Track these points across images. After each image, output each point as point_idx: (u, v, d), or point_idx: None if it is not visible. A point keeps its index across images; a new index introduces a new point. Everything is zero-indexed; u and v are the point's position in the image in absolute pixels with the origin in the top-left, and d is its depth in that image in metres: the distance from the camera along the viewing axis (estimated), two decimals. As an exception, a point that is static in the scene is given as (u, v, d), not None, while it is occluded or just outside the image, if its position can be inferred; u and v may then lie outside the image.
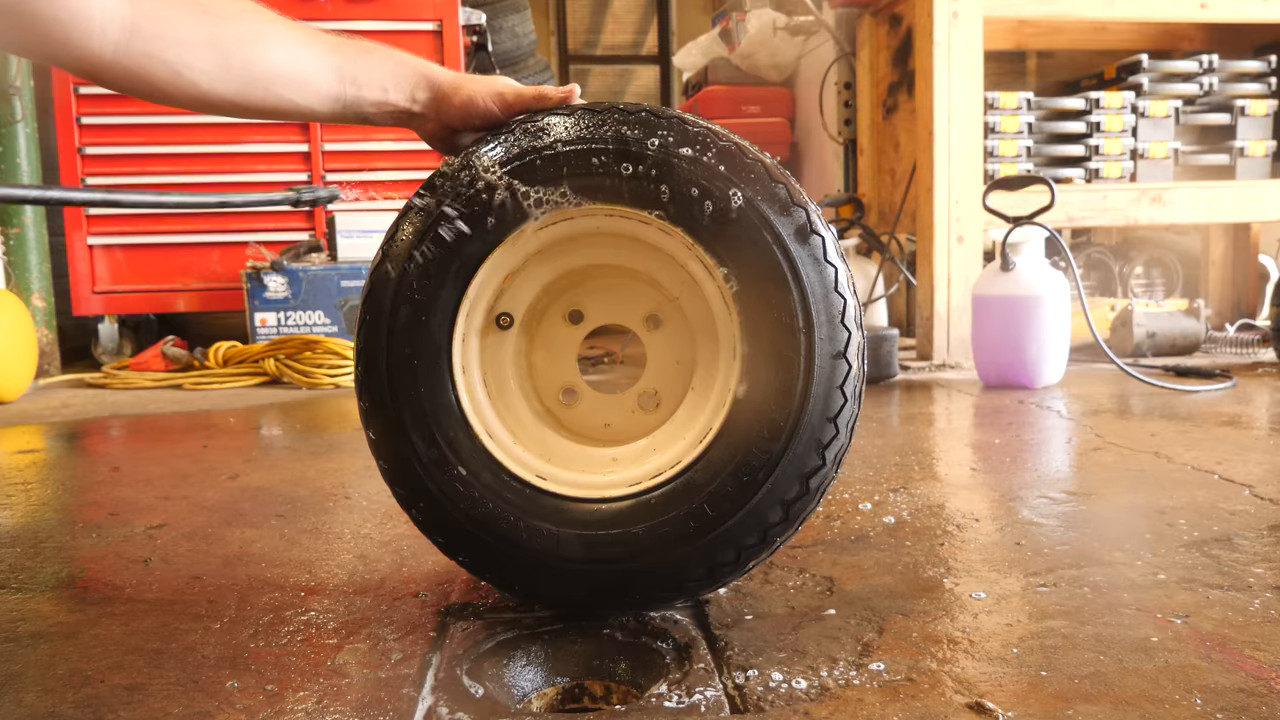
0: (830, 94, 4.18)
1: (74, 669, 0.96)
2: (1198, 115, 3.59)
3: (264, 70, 0.95)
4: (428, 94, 1.04)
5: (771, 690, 0.87)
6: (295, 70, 0.97)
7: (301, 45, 0.98)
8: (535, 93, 1.03)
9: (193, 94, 0.93)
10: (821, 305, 0.95)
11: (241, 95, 0.95)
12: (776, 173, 0.97)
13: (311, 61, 0.98)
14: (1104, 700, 0.83)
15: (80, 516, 1.57)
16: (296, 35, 0.98)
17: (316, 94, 0.99)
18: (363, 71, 1.01)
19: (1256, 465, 1.69)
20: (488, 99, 1.02)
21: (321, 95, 0.99)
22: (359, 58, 1.01)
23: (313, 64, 0.98)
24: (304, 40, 0.98)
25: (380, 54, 1.03)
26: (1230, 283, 4.25)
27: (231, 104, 0.96)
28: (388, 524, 1.45)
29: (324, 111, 1.01)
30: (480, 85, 1.03)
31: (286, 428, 2.46)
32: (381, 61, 1.02)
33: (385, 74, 1.02)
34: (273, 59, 0.96)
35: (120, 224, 3.91)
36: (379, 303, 0.99)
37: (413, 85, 1.03)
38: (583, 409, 1.14)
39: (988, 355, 2.76)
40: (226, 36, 0.93)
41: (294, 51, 0.97)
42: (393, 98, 1.03)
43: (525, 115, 1.02)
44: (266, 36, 0.96)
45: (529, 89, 1.04)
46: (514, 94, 1.03)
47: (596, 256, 1.07)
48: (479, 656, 0.97)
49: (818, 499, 0.98)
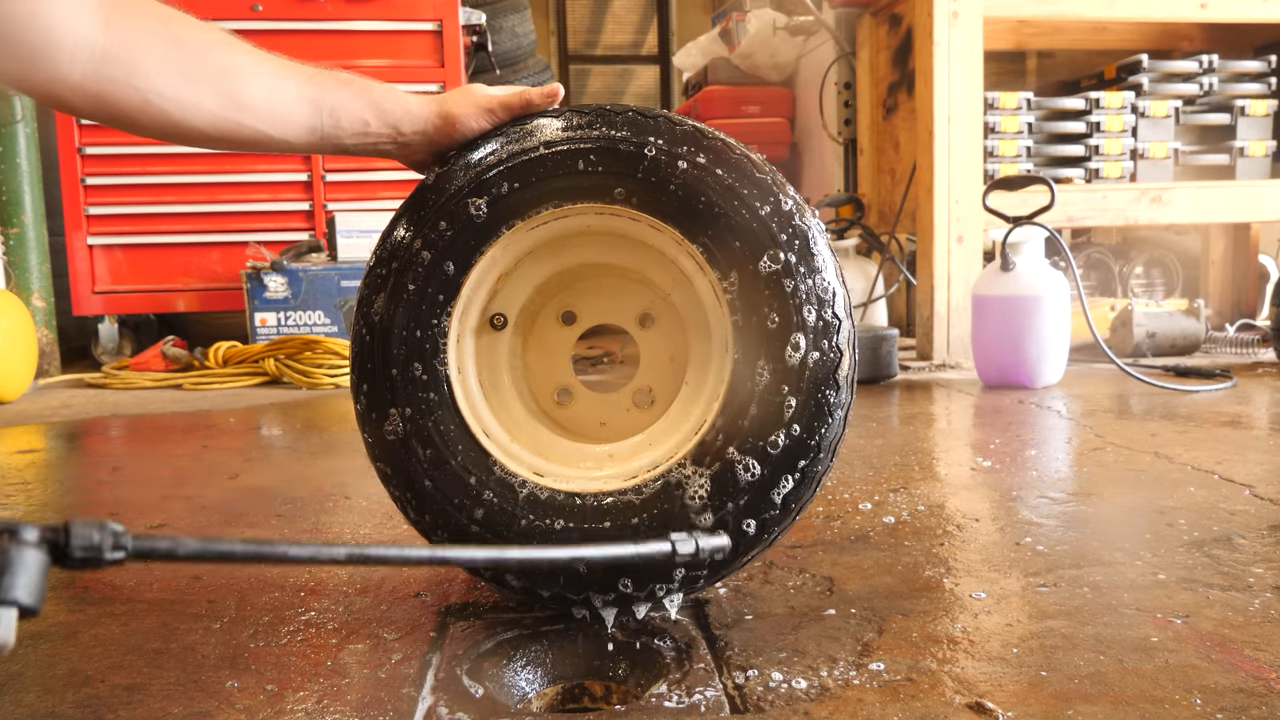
0: (830, 94, 4.18)
1: (74, 669, 0.96)
2: (1198, 115, 3.59)
3: (236, 103, 0.94)
4: (414, 128, 1.02)
5: (771, 690, 0.87)
6: (268, 103, 0.96)
7: (276, 78, 0.97)
8: (520, 100, 1.02)
9: (163, 123, 0.92)
10: (812, 295, 0.95)
11: (214, 126, 0.94)
12: (763, 167, 0.99)
13: (286, 94, 0.97)
14: (1104, 700, 0.83)
15: (81, 516, 1.57)
16: (270, 68, 0.97)
17: (291, 125, 0.98)
18: (341, 103, 0.99)
19: (1256, 465, 1.69)
20: (477, 118, 1.01)
21: (296, 127, 0.98)
22: (336, 89, 0.99)
23: (287, 96, 0.97)
24: (278, 72, 0.97)
25: (358, 86, 1.01)
26: (1230, 283, 4.25)
27: (203, 135, 0.95)
28: (388, 524, 1.45)
29: (300, 144, 0.99)
30: (464, 104, 1.01)
31: (286, 428, 2.46)
32: (360, 94, 1.00)
33: (364, 106, 1.00)
34: (246, 90, 0.94)
35: (120, 224, 3.91)
36: (373, 305, 1.00)
37: (396, 119, 1.01)
38: (578, 408, 1.15)
39: (988, 355, 2.76)
40: (198, 66, 0.92)
41: (268, 84, 0.96)
42: (374, 130, 1.01)
43: (519, 121, 1.02)
44: (240, 68, 0.95)
45: (512, 96, 1.02)
46: (500, 105, 1.02)
47: (588, 256, 1.08)
48: (479, 656, 0.97)
49: (814, 489, 0.98)
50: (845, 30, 3.99)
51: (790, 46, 4.64)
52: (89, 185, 3.86)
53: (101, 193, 3.88)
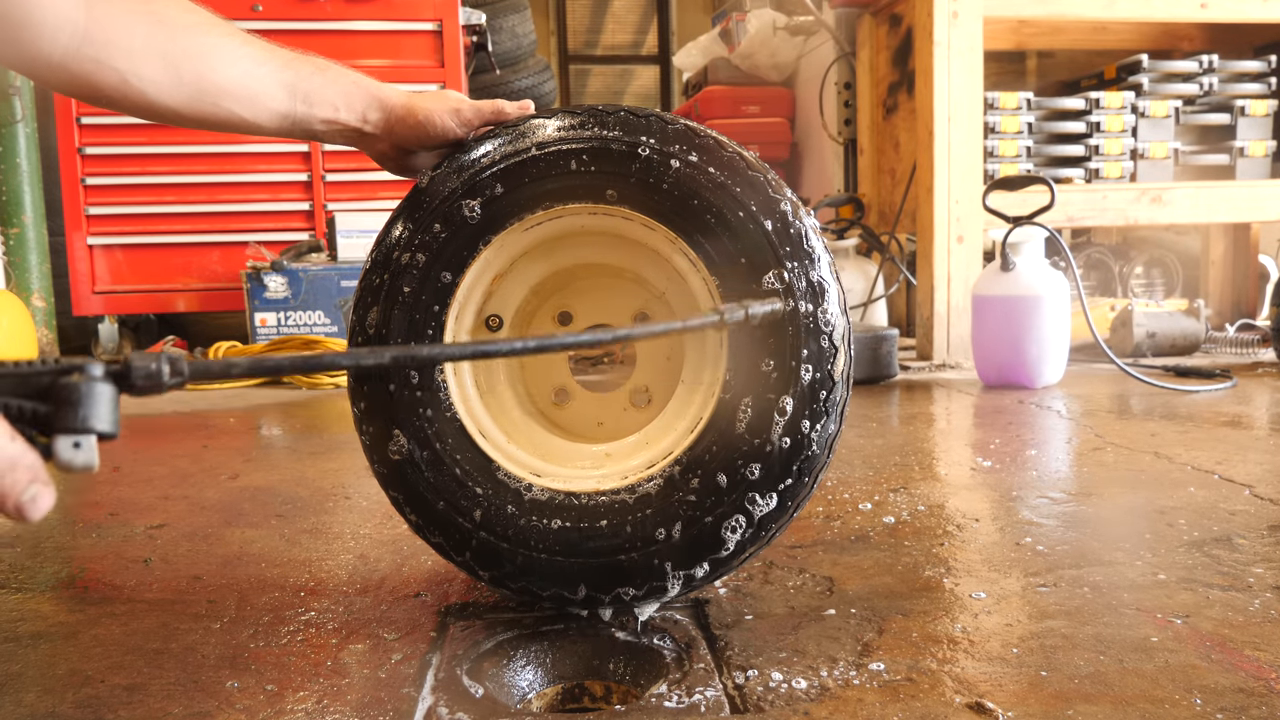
0: (830, 94, 4.18)
1: (74, 669, 0.96)
2: (1198, 115, 3.59)
3: (214, 84, 0.95)
4: (380, 114, 1.03)
5: (771, 690, 0.87)
6: (246, 85, 0.97)
7: (255, 61, 0.97)
8: (493, 108, 1.04)
9: (140, 102, 0.93)
10: (807, 292, 0.95)
11: (189, 107, 0.95)
12: (755, 164, 0.99)
13: (264, 78, 0.98)
14: (1104, 700, 0.83)
15: (80, 516, 1.57)
16: (250, 51, 0.98)
17: (266, 110, 0.99)
18: (315, 89, 1.00)
19: (1256, 465, 1.69)
20: (446, 116, 1.02)
21: (271, 111, 0.99)
22: (312, 75, 1.00)
23: (265, 80, 0.98)
24: (258, 56, 0.98)
25: (334, 73, 1.02)
26: (1230, 283, 4.25)
27: (178, 114, 0.95)
28: (387, 524, 1.45)
29: (271, 127, 1.00)
30: (435, 103, 1.03)
31: (286, 428, 2.46)
32: (335, 80, 1.02)
33: (337, 93, 1.01)
34: (224, 73, 0.95)
35: (120, 224, 3.91)
36: (369, 307, 1.01)
37: (364, 105, 1.03)
38: (575, 409, 1.15)
39: (988, 355, 2.76)
40: (179, 48, 0.93)
41: (246, 68, 0.97)
42: (343, 116, 1.02)
43: (512, 123, 1.03)
44: (220, 50, 0.96)
45: (485, 104, 1.04)
46: (472, 109, 1.03)
47: (582, 256, 1.08)
48: (479, 656, 0.97)
49: (812, 485, 0.99)
50: (845, 30, 3.99)
51: (790, 46, 4.65)
52: (89, 185, 3.87)
53: (101, 193, 3.88)
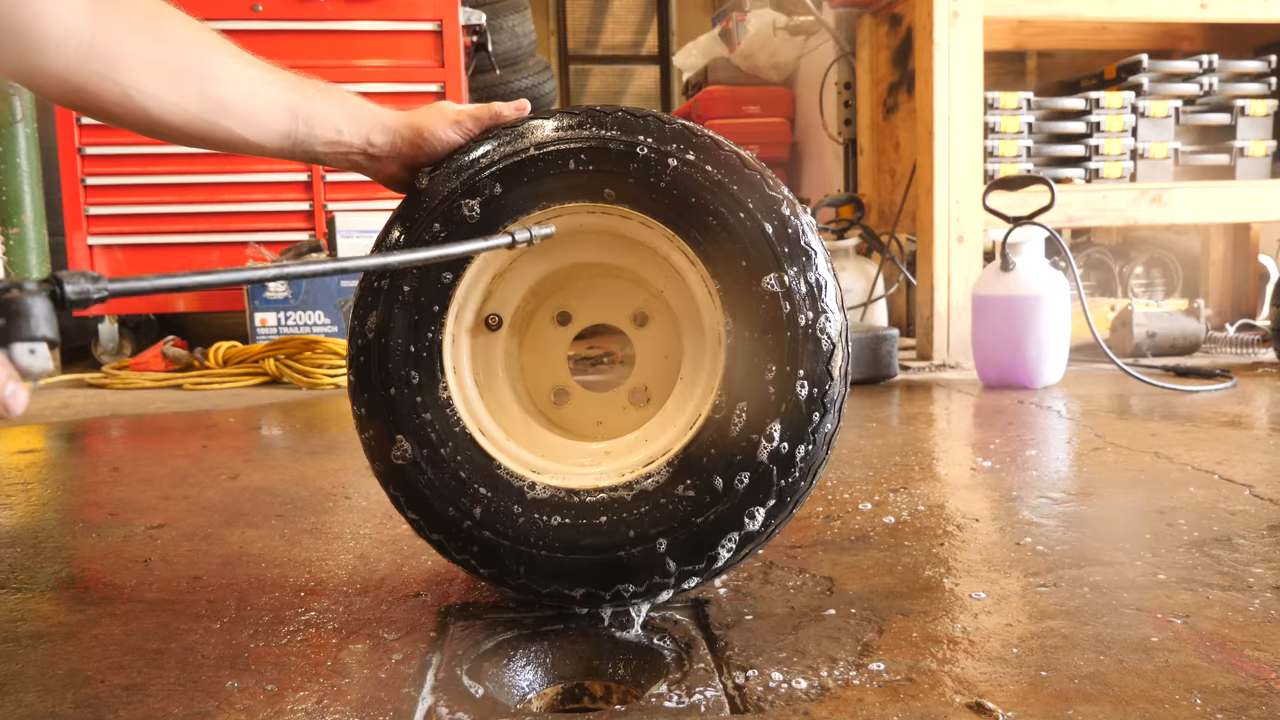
0: (830, 94, 4.18)
1: (74, 669, 0.96)
2: (1198, 115, 3.59)
3: (216, 102, 0.94)
4: (385, 138, 1.03)
5: (771, 690, 0.87)
6: (248, 106, 0.96)
7: (258, 81, 0.97)
8: (489, 112, 1.04)
9: (140, 118, 0.92)
10: (804, 288, 0.95)
11: (190, 125, 0.94)
12: (753, 163, 1.00)
13: (267, 98, 0.97)
14: (1104, 700, 0.83)
15: (80, 516, 1.57)
16: (254, 71, 0.97)
17: (268, 130, 0.98)
18: (317, 111, 0.99)
19: (1256, 465, 1.69)
20: (448, 129, 1.02)
21: (273, 132, 0.98)
22: (315, 97, 1.00)
23: (267, 100, 0.97)
24: (261, 77, 0.97)
25: (337, 95, 1.02)
26: (1230, 283, 4.25)
27: (179, 132, 0.94)
28: (387, 524, 1.45)
29: (273, 148, 0.99)
30: (433, 117, 1.03)
31: (286, 428, 2.46)
32: (338, 103, 1.01)
33: (340, 115, 1.01)
34: (227, 92, 0.94)
35: (120, 224, 3.91)
36: (370, 307, 1.01)
37: (369, 128, 1.02)
38: (575, 408, 1.16)
39: (988, 355, 2.76)
40: (183, 65, 0.92)
41: (249, 87, 0.96)
42: (346, 138, 1.01)
43: (510, 123, 1.03)
44: (224, 69, 0.95)
45: (482, 110, 1.04)
46: (470, 119, 1.03)
47: (581, 255, 1.09)
48: (479, 656, 0.97)
49: (811, 481, 0.99)
50: (845, 30, 3.99)
51: (790, 46, 4.64)
52: (89, 185, 3.86)
53: (101, 193, 3.88)
